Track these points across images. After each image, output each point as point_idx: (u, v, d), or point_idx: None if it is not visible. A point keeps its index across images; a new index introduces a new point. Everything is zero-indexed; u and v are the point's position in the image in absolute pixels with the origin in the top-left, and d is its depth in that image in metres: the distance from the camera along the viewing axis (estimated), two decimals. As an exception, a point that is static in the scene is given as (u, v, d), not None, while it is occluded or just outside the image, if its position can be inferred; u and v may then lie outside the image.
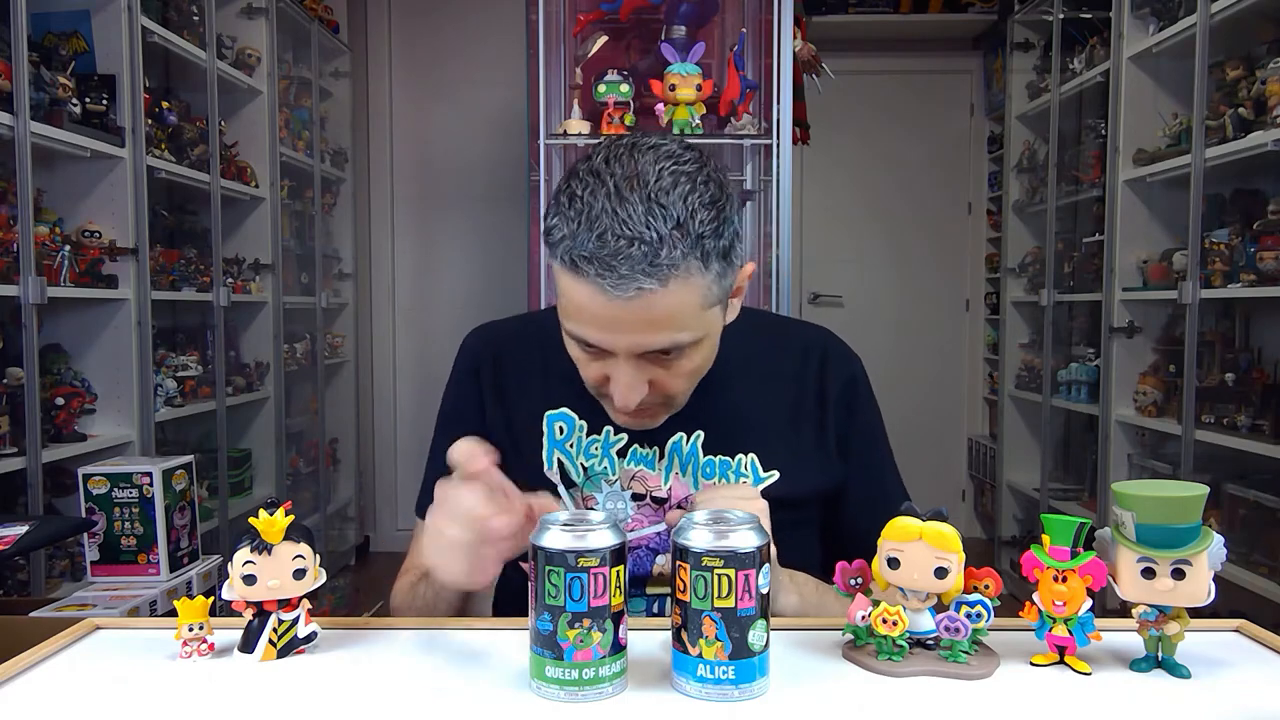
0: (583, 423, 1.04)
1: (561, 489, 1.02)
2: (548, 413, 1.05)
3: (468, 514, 0.79)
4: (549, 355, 1.07)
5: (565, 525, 0.71)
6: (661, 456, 1.02)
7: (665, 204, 0.82)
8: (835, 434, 1.06)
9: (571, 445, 1.03)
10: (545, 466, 1.03)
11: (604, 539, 0.69)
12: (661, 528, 1.00)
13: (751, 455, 1.02)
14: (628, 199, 0.81)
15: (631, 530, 1.00)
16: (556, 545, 0.69)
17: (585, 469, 1.03)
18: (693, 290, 0.84)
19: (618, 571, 0.70)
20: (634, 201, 0.81)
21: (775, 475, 1.02)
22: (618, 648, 0.70)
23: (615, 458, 1.03)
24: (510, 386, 1.08)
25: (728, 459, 1.02)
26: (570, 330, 0.90)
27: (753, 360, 1.07)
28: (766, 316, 1.21)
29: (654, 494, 1.02)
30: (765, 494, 1.00)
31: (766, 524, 0.80)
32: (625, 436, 1.03)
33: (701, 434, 1.02)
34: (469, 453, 0.83)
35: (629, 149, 0.86)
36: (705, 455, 1.02)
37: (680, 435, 1.02)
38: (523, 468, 0.99)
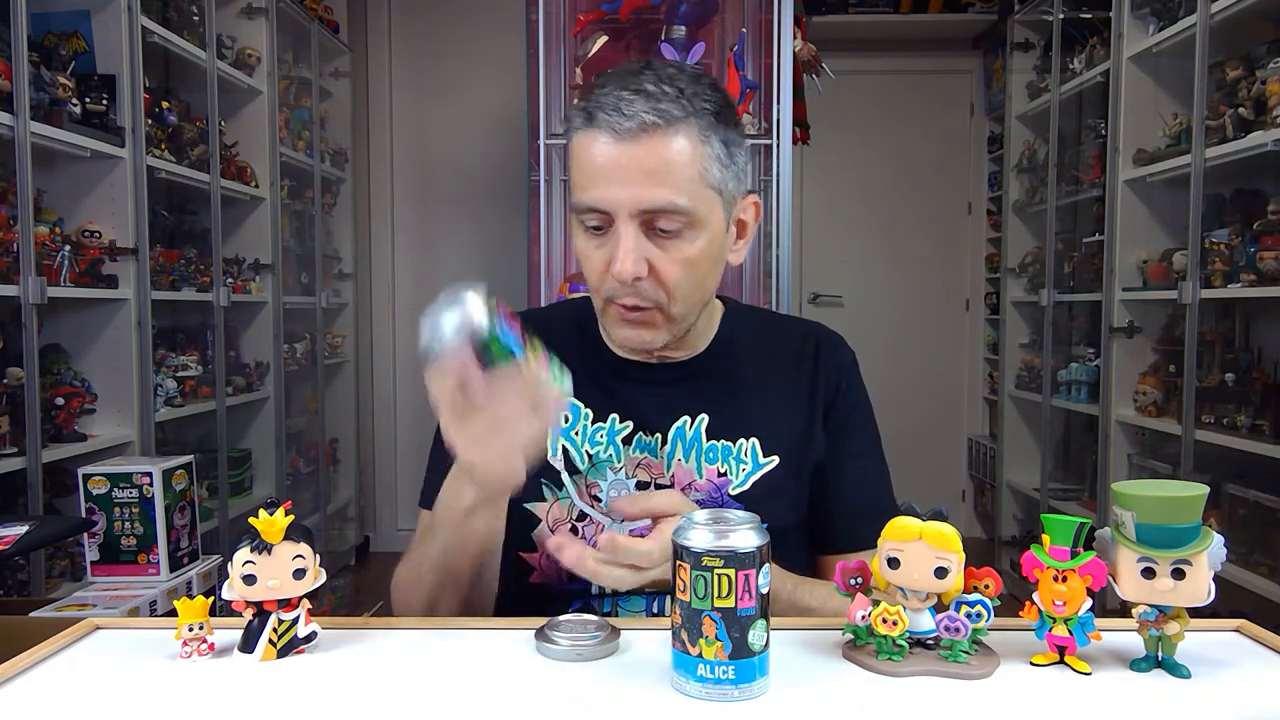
0: (588, 411, 1.06)
1: (565, 476, 1.03)
2: None
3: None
4: (555, 348, 1.08)
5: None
6: (664, 443, 1.04)
7: (670, 79, 0.93)
8: (824, 417, 1.08)
9: (577, 433, 1.05)
10: (549, 454, 1.04)
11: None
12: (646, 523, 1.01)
13: (753, 440, 1.04)
14: (640, 75, 0.94)
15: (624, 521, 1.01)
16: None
17: (590, 456, 1.04)
18: (692, 149, 0.92)
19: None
20: (645, 75, 0.93)
21: (775, 460, 1.04)
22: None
23: (620, 445, 1.04)
24: None
25: (729, 444, 1.04)
26: (579, 202, 0.95)
27: (754, 349, 1.10)
28: (767, 313, 1.25)
29: (658, 481, 1.03)
30: (768, 478, 1.03)
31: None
32: (630, 425, 1.04)
33: (706, 418, 1.04)
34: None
35: (645, 61, 0.99)
36: (708, 440, 1.04)
37: (685, 419, 1.04)
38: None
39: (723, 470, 1.03)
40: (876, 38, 4.39)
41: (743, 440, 1.04)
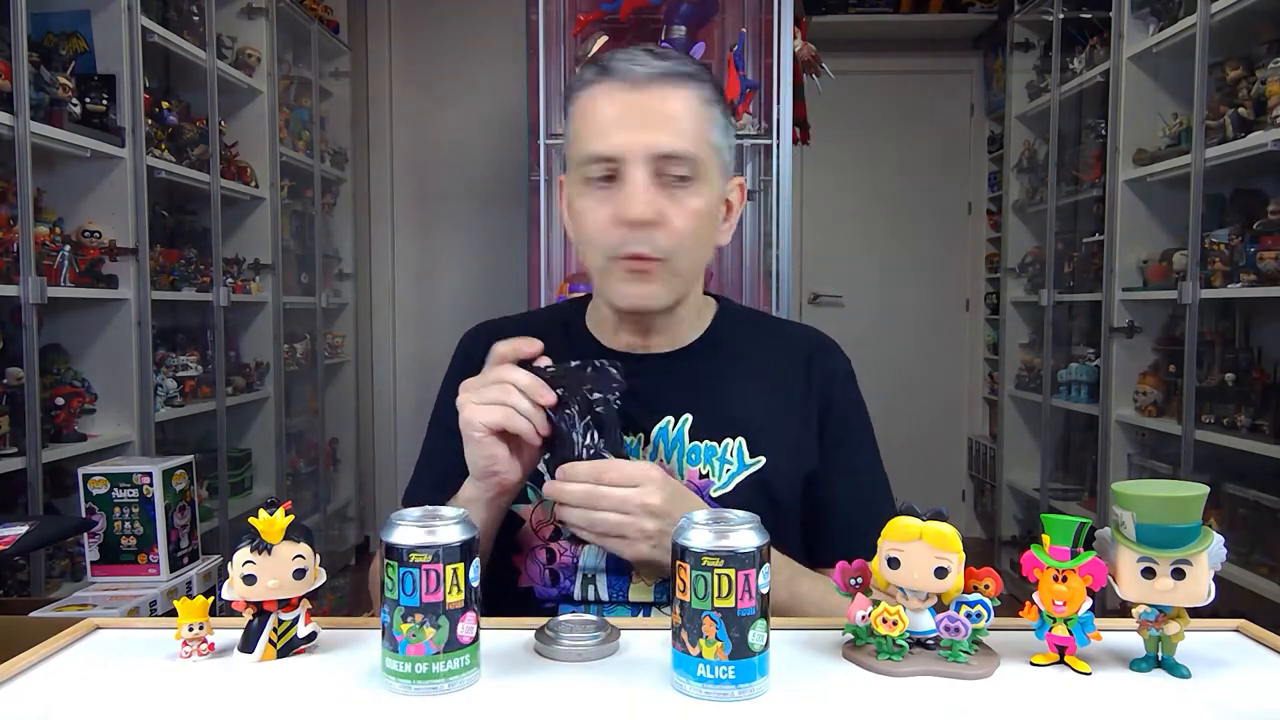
0: None
1: (548, 477, 1.03)
2: None
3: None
4: (546, 352, 1.09)
5: (417, 521, 0.71)
6: (647, 443, 1.03)
7: (675, 54, 1.02)
8: (818, 421, 1.07)
9: None
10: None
11: (446, 536, 0.70)
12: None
13: (740, 439, 1.03)
14: (646, 47, 1.01)
15: None
16: (397, 540, 0.70)
17: None
18: (700, 105, 0.99)
19: (455, 569, 0.70)
20: (650, 47, 1.01)
21: (762, 460, 1.03)
22: (456, 644, 0.70)
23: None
24: None
25: (714, 444, 1.03)
26: (590, 152, 0.98)
27: (745, 352, 1.09)
28: (761, 314, 1.25)
29: None
30: (752, 479, 1.02)
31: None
32: None
33: (690, 417, 1.04)
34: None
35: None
36: (691, 441, 1.03)
37: (668, 420, 1.04)
38: None
39: (704, 471, 1.02)
40: (876, 38, 4.39)
41: (728, 440, 1.03)
